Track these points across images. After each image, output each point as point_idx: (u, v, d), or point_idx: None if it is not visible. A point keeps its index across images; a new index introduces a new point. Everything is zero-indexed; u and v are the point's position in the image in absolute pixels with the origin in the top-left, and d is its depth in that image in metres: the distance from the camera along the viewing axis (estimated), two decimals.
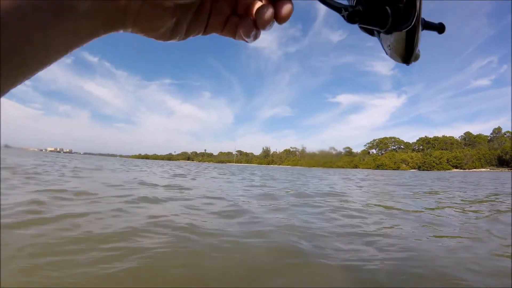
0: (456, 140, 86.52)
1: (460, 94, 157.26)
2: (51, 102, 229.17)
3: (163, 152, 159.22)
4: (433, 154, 79.16)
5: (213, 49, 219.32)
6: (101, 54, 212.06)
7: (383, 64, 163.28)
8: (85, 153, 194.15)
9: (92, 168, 11.25)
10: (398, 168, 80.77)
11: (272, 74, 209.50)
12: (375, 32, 0.33)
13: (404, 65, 0.33)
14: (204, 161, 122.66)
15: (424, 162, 78.85)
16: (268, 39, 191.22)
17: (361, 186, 8.60)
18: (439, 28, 0.33)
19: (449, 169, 73.04)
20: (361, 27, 0.30)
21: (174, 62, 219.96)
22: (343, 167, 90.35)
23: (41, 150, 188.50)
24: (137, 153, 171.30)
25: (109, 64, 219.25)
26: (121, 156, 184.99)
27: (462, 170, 70.46)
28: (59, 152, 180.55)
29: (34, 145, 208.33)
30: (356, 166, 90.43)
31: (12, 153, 30.81)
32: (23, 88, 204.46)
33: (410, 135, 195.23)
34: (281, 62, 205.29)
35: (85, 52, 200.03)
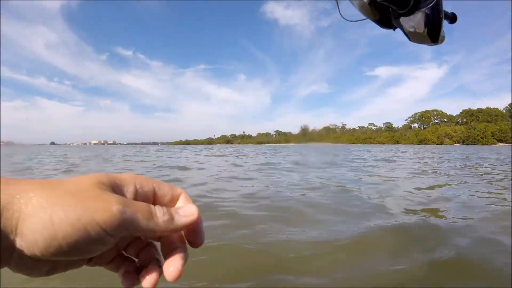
0: (501, 112, 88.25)
1: (504, 62, 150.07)
2: (91, 98, 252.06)
3: (203, 136, 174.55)
4: (477, 128, 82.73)
5: (244, 31, 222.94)
6: (135, 47, 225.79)
7: None
8: (128, 143, 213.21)
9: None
10: (441, 143, 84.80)
11: (306, 51, 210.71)
12: (393, 19, 0.34)
13: (434, 45, 0.34)
14: (243, 143, 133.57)
15: (468, 136, 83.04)
16: (298, 15, 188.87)
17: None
18: (452, 18, 0.34)
19: (494, 143, 77.09)
20: (376, 21, 0.33)
21: (207, 47, 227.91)
22: (384, 143, 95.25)
23: (85, 143, 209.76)
24: (178, 140, 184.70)
25: (143, 56, 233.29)
26: (162, 143, 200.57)
27: (508, 144, 73.34)
28: (103, 144, 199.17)
29: (78, 140, 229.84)
30: (397, 142, 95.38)
31: (60, 149, 35.52)
32: (63, 87, 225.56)
33: (453, 107, 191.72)
34: (315, 38, 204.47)
35: (118, 47, 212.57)
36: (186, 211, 0.26)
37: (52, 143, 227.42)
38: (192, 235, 0.27)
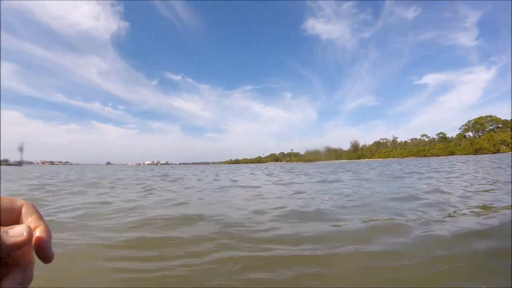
0: None
1: None
2: (144, 121, 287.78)
3: (252, 155, 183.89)
4: None
5: (287, 49, 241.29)
6: (183, 72, 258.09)
7: (466, 35, 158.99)
8: (180, 163, 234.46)
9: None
10: (498, 151, 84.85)
11: (350, 64, 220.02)
12: None
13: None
14: (292, 161, 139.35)
15: None
16: (339, 28, 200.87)
17: None
18: None
19: None
20: None
21: (252, 68, 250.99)
22: (438, 155, 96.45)
23: (139, 164, 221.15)
24: (228, 159, 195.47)
25: (191, 80, 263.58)
26: (213, 163, 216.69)
27: None
28: (156, 164, 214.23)
29: (133, 161, 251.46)
30: (452, 153, 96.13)
31: (117, 168, 47.10)
32: (117, 112, 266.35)
33: (507, 111, 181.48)
34: (358, 50, 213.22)
35: (168, 72, 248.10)
36: (15, 232, 0.25)
37: (108, 163, 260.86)
38: (38, 252, 0.27)
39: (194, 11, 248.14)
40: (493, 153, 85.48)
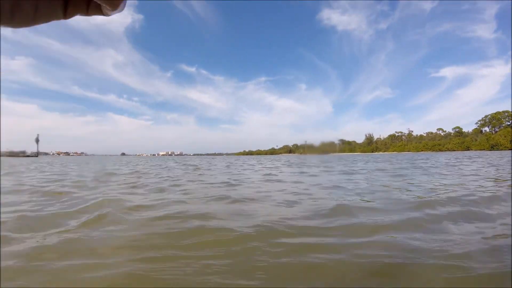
0: None
1: None
2: (158, 112, 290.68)
3: (266, 147, 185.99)
4: None
5: (302, 40, 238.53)
6: (198, 64, 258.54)
7: (484, 27, 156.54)
8: (194, 154, 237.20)
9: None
10: None
11: (366, 55, 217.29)
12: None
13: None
14: (305, 153, 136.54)
15: None
16: (355, 19, 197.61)
17: None
18: None
19: None
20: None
21: (267, 60, 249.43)
22: (454, 150, 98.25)
23: (154, 155, 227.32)
24: (241, 150, 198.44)
25: (205, 71, 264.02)
26: (227, 154, 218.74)
27: None
28: (170, 155, 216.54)
29: (147, 151, 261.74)
30: (468, 148, 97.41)
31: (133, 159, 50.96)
32: (132, 103, 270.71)
33: None
34: (374, 42, 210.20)
35: (182, 64, 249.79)
36: None
37: (123, 154, 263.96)
38: None
39: (208, 3, 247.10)
40: (509, 149, 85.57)
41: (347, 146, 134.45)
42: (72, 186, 6.97)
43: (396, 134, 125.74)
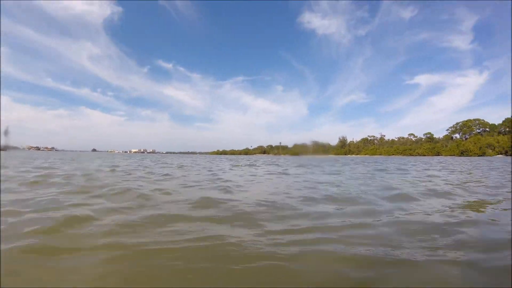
0: None
1: None
2: (133, 108, 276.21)
3: (240, 147, 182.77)
4: None
5: (282, 42, 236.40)
6: (175, 60, 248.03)
7: (461, 38, 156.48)
8: (167, 152, 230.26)
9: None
10: (483, 154, 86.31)
11: (344, 60, 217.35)
12: None
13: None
14: (280, 154, 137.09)
15: None
16: (335, 24, 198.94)
17: None
18: None
19: None
20: None
21: (245, 60, 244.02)
22: (424, 155, 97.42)
23: (126, 152, 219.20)
24: (216, 149, 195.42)
25: (183, 68, 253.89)
26: (200, 153, 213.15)
27: None
28: (143, 152, 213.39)
29: (119, 148, 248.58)
30: (438, 153, 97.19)
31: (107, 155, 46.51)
32: (107, 98, 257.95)
33: (495, 116, 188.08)
34: (352, 47, 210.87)
35: (159, 60, 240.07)
36: None
37: (94, 150, 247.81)
38: None
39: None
40: (478, 155, 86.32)
41: (321, 148, 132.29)
42: None
43: (369, 138, 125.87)
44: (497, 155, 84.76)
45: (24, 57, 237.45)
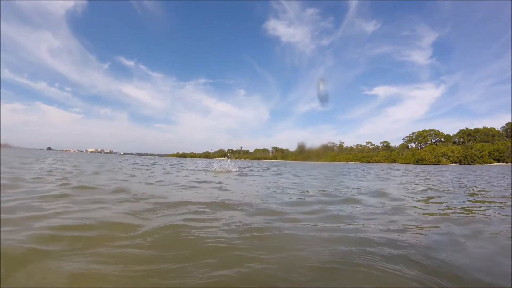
0: (498, 132, 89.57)
1: (501, 82, 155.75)
2: (91, 106, 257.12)
3: (201, 150, 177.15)
4: (474, 147, 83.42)
5: (246, 46, 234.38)
6: (137, 58, 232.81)
7: (420, 53, 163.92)
8: (125, 153, 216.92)
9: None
10: (438, 163, 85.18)
11: (306, 68, 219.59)
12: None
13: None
14: (240, 158, 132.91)
15: (465, 155, 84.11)
16: (300, 33, 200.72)
17: None
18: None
19: (491, 163, 78.43)
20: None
21: (208, 62, 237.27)
22: (381, 162, 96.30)
23: (82, 151, 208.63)
24: (175, 152, 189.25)
25: (144, 67, 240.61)
26: (159, 155, 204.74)
27: (504, 163, 74.05)
28: (99, 152, 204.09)
29: (75, 147, 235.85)
30: (394, 161, 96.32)
31: (59, 155, 41.01)
32: (64, 94, 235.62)
33: (450, 127, 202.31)
34: (315, 56, 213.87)
35: (121, 57, 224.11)
36: None
37: (49, 148, 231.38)
38: None
39: None
40: (433, 164, 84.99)
41: (280, 154, 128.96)
42: None
43: (328, 144, 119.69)
44: (452, 164, 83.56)
45: None
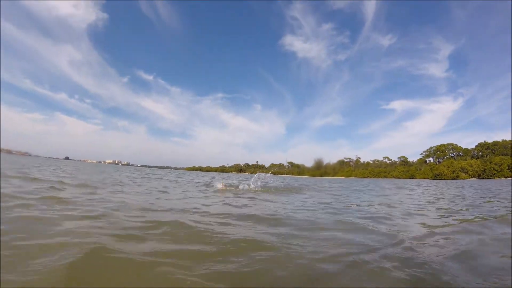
0: None
1: None
2: (110, 118, 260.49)
3: (217, 164, 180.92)
4: (493, 161, 79.40)
5: (263, 62, 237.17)
6: (156, 72, 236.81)
7: (437, 66, 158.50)
8: (142, 165, 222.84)
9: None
10: (457, 177, 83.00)
11: (322, 83, 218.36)
12: None
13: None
14: (256, 173, 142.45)
15: (484, 169, 79.82)
16: (316, 49, 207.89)
17: None
18: None
19: (510, 176, 74.20)
20: None
21: (226, 77, 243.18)
22: (398, 177, 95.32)
23: (100, 162, 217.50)
24: (191, 165, 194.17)
25: (163, 81, 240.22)
26: (176, 168, 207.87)
27: None
28: (117, 164, 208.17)
29: (93, 158, 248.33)
30: (412, 176, 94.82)
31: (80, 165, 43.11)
32: (84, 106, 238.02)
33: (468, 141, 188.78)
34: (331, 71, 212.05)
35: (140, 71, 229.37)
36: None
37: (67, 158, 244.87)
38: None
39: (175, 13, 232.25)
40: (452, 179, 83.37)
41: (296, 169, 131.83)
42: None
43: (345, 160, 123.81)
44: (471, 178, 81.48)
45: (4, 54, 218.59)
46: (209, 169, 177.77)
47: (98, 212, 3.94)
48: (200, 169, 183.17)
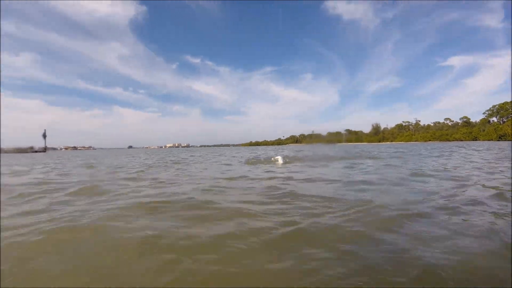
0: None
1: None
2: (165, 104, 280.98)
3: (272, 137, 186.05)
4: None
5: (308, 29, 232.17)
6: (203, 55, 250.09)
7: (492, 16, 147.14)
8: (201, 146, 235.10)
9: None
10: None
11: (372, 45, 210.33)
12: None
13: None
14: (312, 143, 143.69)
15: None
16: (361, 8, 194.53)
17: None
18: None
19: None
20: None
21: (271, 50, 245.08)
22: (461, 140, 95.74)
23: (161, 147, 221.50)
24: (248, 141, 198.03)
25: (211, 62, 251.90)
26: (233, 145, 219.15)
27: None
28: (177, 147, 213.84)
29: (155, 144, 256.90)
30: (475, 138, 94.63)
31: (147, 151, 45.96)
32: (139, 96, 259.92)
33: None
34: (380, 31, 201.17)
35: (187, 56, 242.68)
36: None
37: (130, 147, 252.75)
38: None
39: None
40: None
41: (354, 136, 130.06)
42: None
43: (403, 124, 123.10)
44: None
45: (54, 62, 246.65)
46: (266, 143, 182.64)
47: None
48: (257, 144, 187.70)
